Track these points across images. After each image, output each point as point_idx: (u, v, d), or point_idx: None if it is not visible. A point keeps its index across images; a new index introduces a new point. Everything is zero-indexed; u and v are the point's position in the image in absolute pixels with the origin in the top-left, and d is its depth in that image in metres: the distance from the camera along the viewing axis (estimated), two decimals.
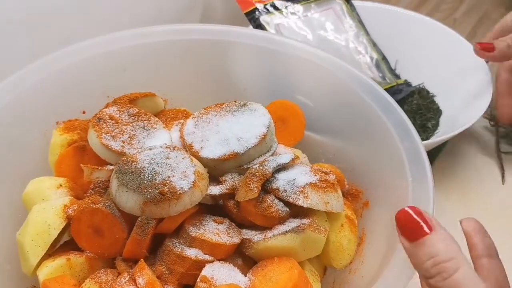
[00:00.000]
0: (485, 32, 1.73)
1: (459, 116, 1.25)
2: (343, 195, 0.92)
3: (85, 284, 0.76)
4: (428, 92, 1.38)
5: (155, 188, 0.76)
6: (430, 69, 1.40)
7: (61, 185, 0.87)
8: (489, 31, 1.56)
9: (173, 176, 0.79)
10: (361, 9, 1.47)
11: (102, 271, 0.78)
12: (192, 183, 0.78)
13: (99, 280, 0.76)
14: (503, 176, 1.26)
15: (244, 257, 0.82)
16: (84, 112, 0.99)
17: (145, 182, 0.77)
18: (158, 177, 0.78)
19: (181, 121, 0.96)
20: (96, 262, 0.81)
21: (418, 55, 1.42)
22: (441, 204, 1.18)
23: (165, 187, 0.77)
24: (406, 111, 1.27)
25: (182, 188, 0.77)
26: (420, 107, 1.32)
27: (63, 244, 0.84)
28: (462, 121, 1.20)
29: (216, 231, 0.80)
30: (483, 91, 1.23)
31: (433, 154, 1.29)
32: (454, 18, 1.78)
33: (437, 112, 1.34)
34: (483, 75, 1.26)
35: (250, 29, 1.06)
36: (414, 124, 1.26)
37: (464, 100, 1.28)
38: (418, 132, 1.25)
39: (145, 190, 0.76)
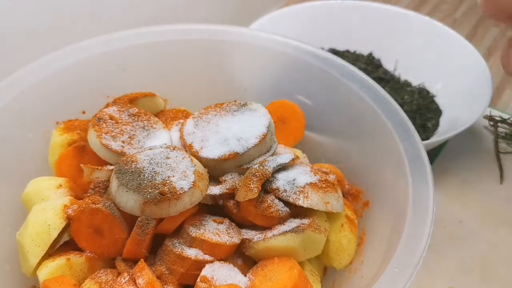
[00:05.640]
0: (485, 32, 1.73)
1: (459, 116, 1.25)
2: (343, 195, 0.92)
3: (85, 284, 0.76)
4: (428, 92, 1.38)
5: (155, 188, 0.76)
6: (430, 69, 1.40)
7: (61, 185, 0.87)
8: (489, 31, 1.57)
9: (173, 176, 0.79)
10: (361, 9, 1.47)
11: (102, 271, 0.78)
12: (192, 183, 0.78)
13: (99, 280, 0.76)
14: (501, 176, 1.27)
15: (244, 257, 0.82)
16: (84, 112, 0.99)
17: (145, 182, 0.77)
18: (158, 177, 0.78)
19: (181, 121, 0.96)
20: (96, 262, 0.81)
21: (418, 55, 1.42)
22: (441, 204, 1.20)
23: (165, 187, 0.77)
24: (406, 111, 1.28)
25: (182, 188, 0.77)
26: (420, 107, 1.32)
27: (63, 244, 0.84)
28: (462, 121, 1.20)
29: (216, 231, 0.80)
30: (483, 91, 1.23)
31: (433, 154, 1.29)
32: (454, 18, 1.79)
33: (437, 112, 1.34)
34: (483, 74, 1.26)
35: (250, 30, 1.06)
36: (414, 124, 1.27)
37: (464, 100, 1.28)
38: (418, 132, 1.26)
39: (145, 190, 0.76)
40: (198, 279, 0.76)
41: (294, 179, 0.83)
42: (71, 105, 0.98)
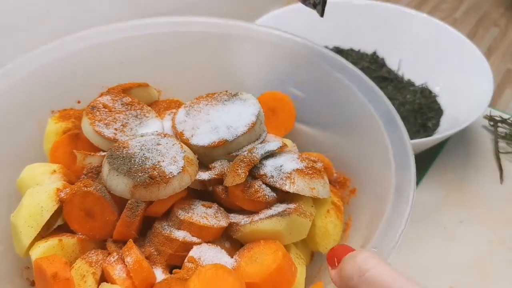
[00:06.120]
0: (485, 32, 1.75)
1: (460, 115, 1.26)
2: (332, 183, 0.95)
3: (76, 264, 0.79)
4: (430, 92, 1.39)
5: (145, 172, 0.79)
6: (433, 68, 1.41)
7: (55, 171, 0.89)
8: (489, 31, 1.57)
9: (163, 161, 0.81)
10: (366, 8, 1.48)
11: (93, 252, 0.81)
12: (181, 168, 0.81)
13: (90, 260, 0.79)
14: (501, 176, 1.27)
15: (232, 241, 0.85)
16: (79, 102, 1.02)
17: (136, 166, 0.80)
18: (148, 162, 0.81)
19: (174, 110, 0.98)
20: (87, 244, 0.83)
21: (422, 54, 1.43)
22: (441, 203, 1.20)
23: (155, 171, 0.79)
24: (407, 110, 1.30)
25: (171, 172, 0.80)
26: (421, 106, 1.33)
27: (57, 228, 0.87)
28: (462, 120, 1.20)
29: (204, 215, 0.82)
30: (484, 90, 1.24)
31: (433, 153, 1.30)
32: (454, 17, 1.80)
33: (439, 112, 1.35)
34: (485, 74, 1.27)
35: (244, 22, 1.08)
36: (414, 123, 1.29)
37: (465, 99, 1.29)
38: (418, 131, 1.28)
39: (135, 174, 0.79)
40: (186, 259, 0.78)
41: (281, 166, 0.85)
42: (67, 95, 1.01)
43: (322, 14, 0.81)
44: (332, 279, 0.66)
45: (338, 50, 1.47)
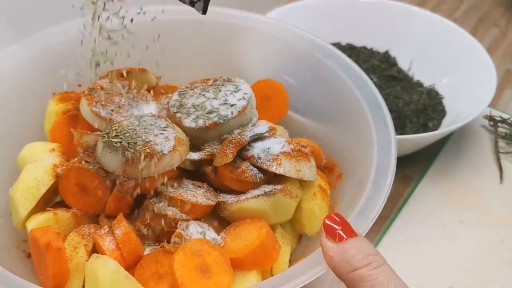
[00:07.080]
0: (485, 32, 1.76)
1: (461, 114, 1.27)
2: (321, 169, 0.97)
3: (69, 236, 0.83)
4: (437, 93, 1.40)
5: (137, 150, 0.82)
6: (438, 66, 1.42)
7: (53, 149, 0.93)
8: (489, 31, 1.58)
9: (155, 140, 0.85)
10: (378, 6, 1.49)
11: (86, 226, 0.84)
12: (172, 147, 0.84)
13: (82, 233, 0.82)
14: (501, 176, 1.28)
15: (220, 220, 0.88)
16: (80, 85, 1.05)
17: (128, 144, 0.83)
18: (140, 140, 0.84)
19: (170, 95, 1.02)
20: (81, 218, 0.87)
21: (431, 54, 1.44)
22: (441, 203, 1.21)
23: (146, 149, 0.82)
24: (411, 110, 1.31)
25: (162, 151, 0.83)
26: (425, 107, 1.33)
27: (54, 204, 0.91)
28: (463, 118, 1.21)
29: (193, 193, 0.85)
30: (486, 88, 1.25)
31: (433, 153, 1.32)
32: (454, 17, 1.80)
33: (442, 113, 1.36)
34: (488, 72, 1.29)
35: (240, 11, 1.11)
36: (416, 123, 1.30)
37: (467, 98, 1.30)
38: (418, 130, 1.29)
39: (127, 151, 0.82)
40: (174, 235, 0.82)
41: (269, 148, 0.88)
42: (68, 78, 1.03)
43: (204, 12, 0.81)
44: (328, 251, 0.67)
45: (351, 47, 1.48)
